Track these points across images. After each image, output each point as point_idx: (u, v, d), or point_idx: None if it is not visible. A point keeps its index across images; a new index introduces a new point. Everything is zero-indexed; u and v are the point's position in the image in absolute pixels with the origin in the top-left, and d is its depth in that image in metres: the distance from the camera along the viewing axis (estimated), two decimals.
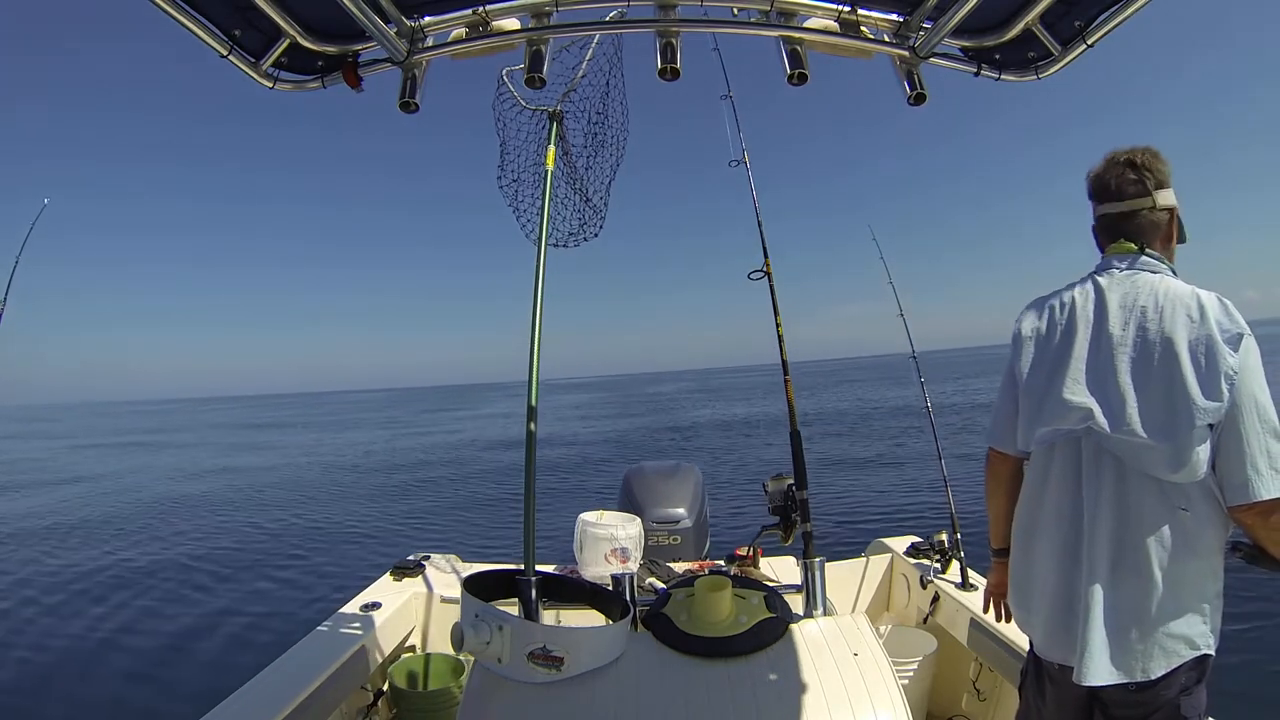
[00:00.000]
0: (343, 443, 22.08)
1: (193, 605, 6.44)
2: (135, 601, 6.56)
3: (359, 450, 17.61)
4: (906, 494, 9.56)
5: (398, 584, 3.10)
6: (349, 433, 28.74)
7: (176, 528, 9.85)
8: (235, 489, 13.23)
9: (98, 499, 12.47)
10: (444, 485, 12.88)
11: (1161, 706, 1.42)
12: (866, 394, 27.43)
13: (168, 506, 11.58)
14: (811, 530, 2.20)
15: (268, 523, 9.87)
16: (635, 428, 22.78)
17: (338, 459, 17.17)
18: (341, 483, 13.52)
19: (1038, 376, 1.58)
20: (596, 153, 2.70)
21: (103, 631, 5.83)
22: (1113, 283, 1.53)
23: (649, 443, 18.12)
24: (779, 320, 2.57)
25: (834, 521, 7.98)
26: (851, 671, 1.72)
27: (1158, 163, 1.56)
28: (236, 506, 11.26)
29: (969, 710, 2.74)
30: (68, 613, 6.32)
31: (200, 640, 5.58)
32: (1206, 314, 1.39)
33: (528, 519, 2.11)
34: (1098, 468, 1.47)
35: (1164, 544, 1.40)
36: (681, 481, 3.48)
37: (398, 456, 16.57)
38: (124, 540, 9.16)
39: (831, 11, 1.59)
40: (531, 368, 2.25)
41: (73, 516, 10.73)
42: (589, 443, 17.40)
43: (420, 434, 24.73)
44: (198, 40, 1.42)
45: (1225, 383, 1.35)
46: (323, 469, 15.40)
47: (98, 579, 7.31)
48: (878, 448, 14.19)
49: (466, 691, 1.78)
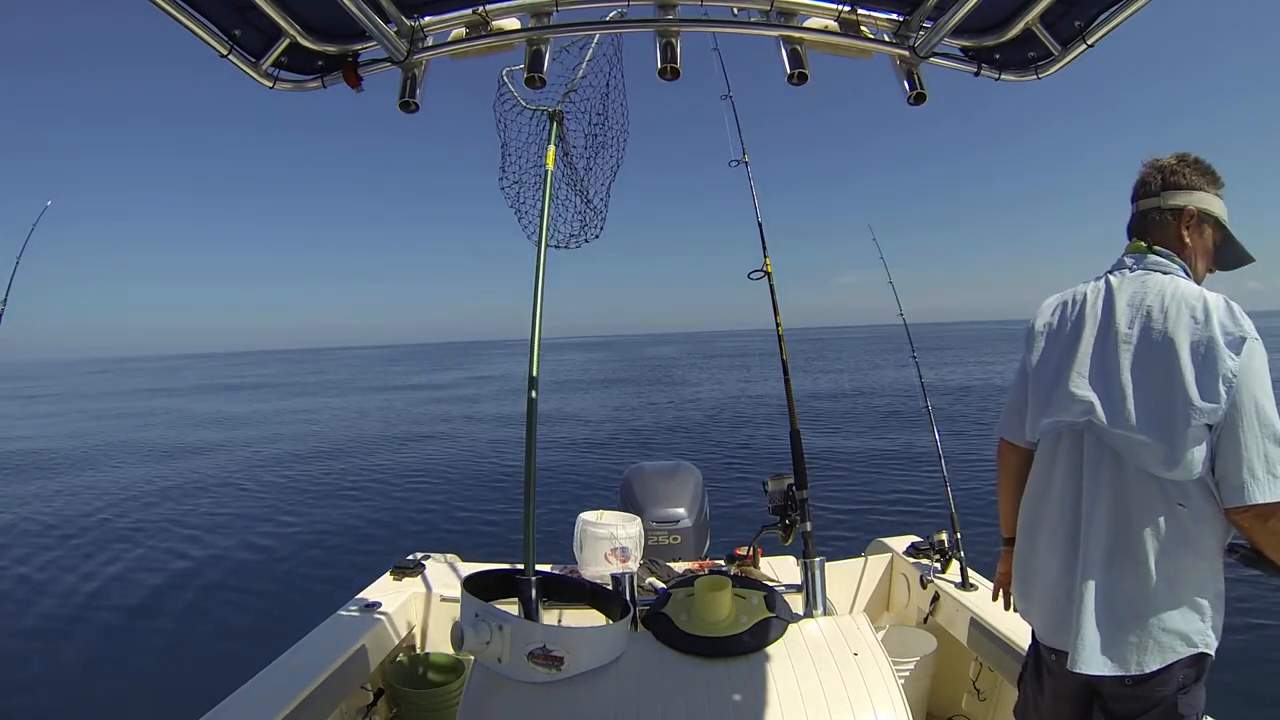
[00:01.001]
0: (334, 418, 21.96)
1: (192, 605, 6.44)
2: (134, 601, 6.56)
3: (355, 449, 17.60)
4: (906, 494, 9.55)
5: (398, 584, 3.10)
6: (340, 398, 28.38)
7: (172, 522, 9.84)
8: (234, 488, 13.22)
9: (67, 494, 12.42)
10: (444, 485, 12.88)
11: (1158, 703, 1.43)
12: (865, 384, 27.42)
13: (160, 497, 11.57)
14: (811, 530, 2.21)
15: (267, 522, 9.87)
16: (638, 404, 22.76)
17: (335, 450, 17.15)
18: (341, 482, 13.51)
19: (1046, 369, 1.63)
20: (597, 153, 2.70)
21: (101, 630, 5.83)
22: (1124, 281, 1.58)
23: (649, 439, 18.13)
24: (779, 320, 2.57)
25: (834, 521, 7.97)
26: (851, 671, 1.73)
27: (1180, 165, 1.60)
28: (234, 506, 11.25)
29: (969, 710, 2.74)
30: (66, 612, 6.32)
31: (200, 640, 5.58)
32: (1211, 316, 1.41)
33: (528, 519, 2.11)
34: (1098, 461, 1.50)
35: (1160, 539, 1.42)
36: (681, 481, 3.48)
37: (397, 453, 16.56)
38: (116, 535, 9.16)
39: (831, 11, 1.59)
40: (532, 368, 2.25)
41: (54, 512, 10.71)
42: (589, 439, 17.39)
43: (417, 408, 24.58)
44: (197, 40, 1.42)
45: (1223, 385, 1.36)
46: (320, 465, 15.40)
47: (93, 577, 7.31)
48: (878, 447, 14.19)
49: (466, 691, 1.77)
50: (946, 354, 39.72)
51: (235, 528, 9.60)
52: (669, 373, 36.75)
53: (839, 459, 12.86)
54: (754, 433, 17.10)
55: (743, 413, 19.85)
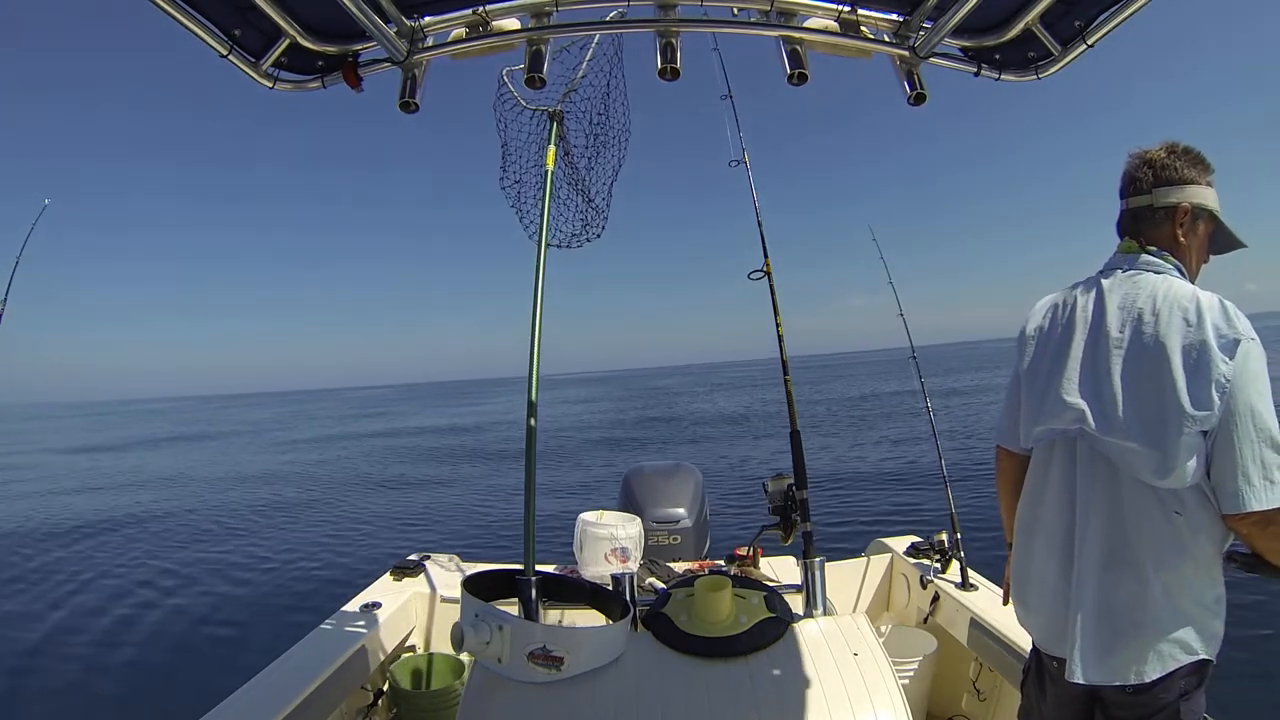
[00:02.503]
0: (336, 442, 22.12)
1: (192, 605, 6.44)
2: (133, 601, 6.57)
3: (356, 450, 17.60)
4: (906, 494, 9.55)
5: (398, 584, 3.10)
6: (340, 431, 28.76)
7: (172, 528, 9.85)
8: (232, 490, 13.23)
9: (88, 500, 12.46)
10: (444, 485, 12.88)
11: (1161, 710, 1.41)
12: (866, 389, 27.44)
13: (164, 507, 11.58)
14: (811, 530, 2.21)
15: (267, 522, 9.88)
16: (637, 420, 22.79)
17: (335, 460, 17.16)
18: (341, 482, 13.51)
19: (1038, 374, 1.59)
20: (598, 153, 2.70)
21: (101, 631, 5.83)
22: (1115, 284, 1.52)
23: (650, 437, 18.13)
24: (779, 320, 2.57)
25: (834, 521, 7.97)
26: (851, 671, 1.72)
27: (1170, 157, 1.53)
28: (235, 507, 11.26)
29: (969, 710, 2.74)
30: (68, 612, 6.33)
31: (200, 640, 5.59)
32: (1204, 318, 1.36)
33: (528, 519, 2.10)
34: (1092, 468, 1.47)
35: (1157, 546, 1.39)
36: (681, 481, 3.48)
37: (398, 457, 16.57)
38: (119, 536, 9.16)
39: (831, 11, 1.59)
40: (531, 367, 2.25)
41: (67, 518, 10.72)
42: (590, 441, 17.40)
43: (421, 434, 24.74)
44: (197, 40, 1.42)
45: (1216, 391, 1.32)
46: (322, 469, 15.40)
47: (93, 577, 7.31)
48: (878, 447, 14.20)
49: (466, 691, 1.77)
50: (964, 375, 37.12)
51: (236, 529, 9.60)
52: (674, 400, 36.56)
53: (839, 459, 12.86)
54: (754, 433, 17.07)
55: (743, 414, 19.86)
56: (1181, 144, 1.55)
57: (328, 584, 6.72)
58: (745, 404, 27.99)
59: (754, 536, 2.65)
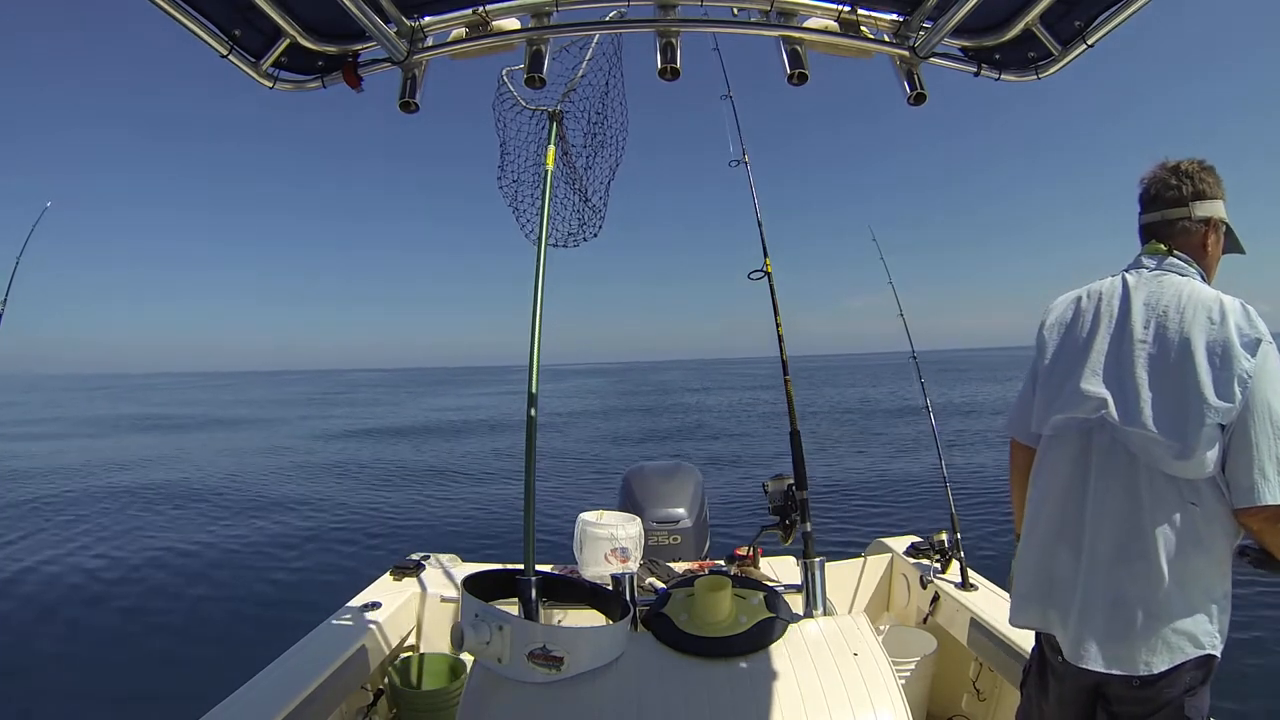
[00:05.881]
0: (332, 430, 22.06)
1: (193, 605, 6.44)
2: (133, 601, 6.56)
3: (357, 449, 17.60)
4: (906, 494, 9.56)
5: (397, 584, 3.10)
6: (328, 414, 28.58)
7: (170, 524, 9.84)
8: (230, 487, 13.22)
9: (73, 488, 12.40)
10: (444, 485, 12.88)
11: (1165, 705, 1.42)
12: (868, 392, 27.46)
13: (158, 501, 11.56)
14: (811, 530, 2.21)
15: (266, 522, 9.86)
16: (637, 411, 22.77)
17: (336, 452, 17.16)
18: (341, 482, 13.51)
19: (1059, 364, 1.63)
20: (596, 153, 2.70)
21: (101, 631, 5.83)
22: (1140, 281, 1.58)
23: (650, 436, 18.13)
24: (779, 320, 2.57)
25: (834, 521, 7.98)
26: (851, 671, 1.72)
27: (1203, 173, 1.61)
28: (234, 507, 11.25)
29: (969, 710, 2.74)
30: (67, 612, 6.32)
31: (199, 640, 5.58)
32: (1227, 318, 1.42)
33: (528, 519, 2.10)
34: (1109, 458, 1.50)
35: (1171, 537, 1.42)
36: (681, 482, 3.48)
37: (397, 453, 16.58)
38: (115, 534, 9.15)
39: (831, 11, 1.59)
40: (531, 367, 2.25)
41: (54, 511, 10.69)
42: (590, 439, 17.40)
43: (418, 424, 24.68)
44: (197, 40, 1.42)
45: (1239, 385, 1.37)
46: (320, 466, 15.40)
47: (94, 577, 7.31)
48: (879, 448, 14.20)
49: (466, 691, 1.77)
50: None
51: (235, 529, 9.60)
52: (676, 396, 36.54)
53: (840, 459, 12.86)
54: (754, 433, 17.07)
55: (743, 415, 19.87)
56: (1203, 160, 1.62)
57: (328, 584, 6.71)
58: (746, 402, 28.05)
59: (754, 537, 2.65)
